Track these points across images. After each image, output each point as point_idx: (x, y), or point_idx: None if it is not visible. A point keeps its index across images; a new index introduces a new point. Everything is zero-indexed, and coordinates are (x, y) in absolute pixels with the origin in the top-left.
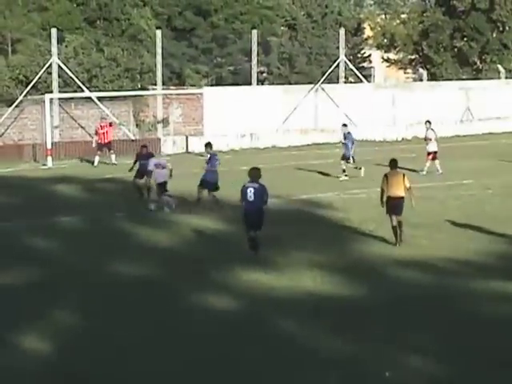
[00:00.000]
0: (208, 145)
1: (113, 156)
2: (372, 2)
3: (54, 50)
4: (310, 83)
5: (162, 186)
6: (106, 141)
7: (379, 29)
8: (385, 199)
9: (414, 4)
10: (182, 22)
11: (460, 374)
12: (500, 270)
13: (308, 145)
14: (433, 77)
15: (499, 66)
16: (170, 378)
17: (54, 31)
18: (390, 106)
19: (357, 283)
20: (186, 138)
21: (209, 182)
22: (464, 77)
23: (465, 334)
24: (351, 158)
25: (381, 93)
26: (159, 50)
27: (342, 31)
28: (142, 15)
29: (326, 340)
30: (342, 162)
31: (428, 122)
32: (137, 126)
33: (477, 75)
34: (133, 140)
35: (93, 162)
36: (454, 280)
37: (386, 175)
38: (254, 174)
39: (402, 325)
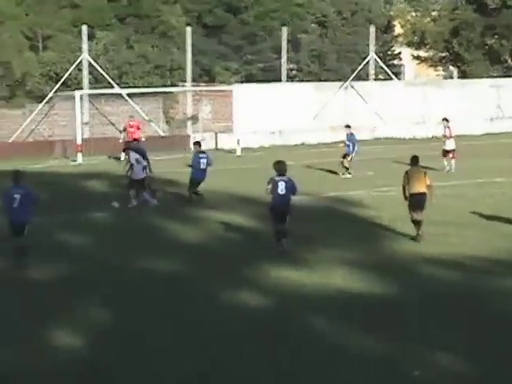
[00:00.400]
0: (196, 143)
1: None
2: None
3: (85, 46)
4: (340, 80)
5: (141, 183)
6: (131, 140)
7: (409, 26)
8: (407, 195)
9: (445, 1)
10: (213, 18)
11: (489, 374)
12: None
13: (338, 142)
14: (463, 74)
15: None
16: (198, 377)
17: (84, 28)
18: (420, 103)
19: (387, 281)
20: (216, 134)
21: (195, 180)
22: (495, 74)
23: (494, 333)
24: (350, 157)
25: (411, 90)
26: (189, 47)
27: (372, 28)
28: (173, 12)
29: (356, 338)
30: (344, 160)
31: (445, 119)
32: (166, 122)
33: (508, 73)
34: (162, 137)
35: (119, 158)
36: (485, 278)
37: (406, 172)
38: (282, 167)
39: (431, 323)
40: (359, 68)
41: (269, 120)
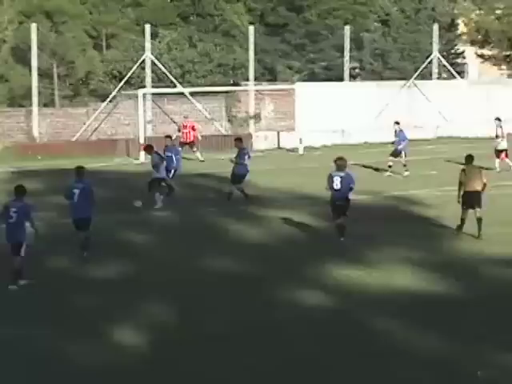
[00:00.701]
0: (238, 139)
1: (198, 153)
2: None
3: (148, 45)
4: (403, 79)
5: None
6: (189, 140)
7: (473, 25)
8: (462, 193)
9: None
10: (275, 17)
11: None
12: None
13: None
14: None
15: None
16: (260, 378)
17: (147, 27)
18: (484, 102)
19: (450, 280)
20: (278, 133)
21: (236, 175)
22: None
23: None
24: (403, 154)
25: (474, 89)
26: (252, 46)
27: (435, 27)
28: (235, 11)
29: (419, 338)
30: (391, 157)
31: (498, 119)
32: (229, 121)
33: None
34: (225, 135)
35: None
36: None
37: (463, 170)
38: (340, 163)
39: (495, 323)
40: (422, 67)
41: (331, 119)
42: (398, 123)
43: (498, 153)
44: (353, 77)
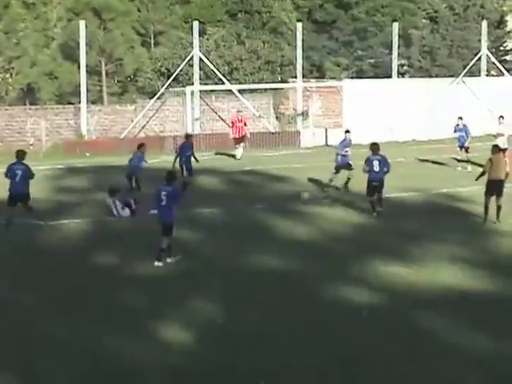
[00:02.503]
0: (347, 131)
1: (241, 150)
2: None
3: (196, 42)
4: (451, 76)
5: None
6: (240, 135)
7: None
8: (486, 181)
9: None
10: (323, 14)
11: None
12: None
13: (449, 138)
14: None
15: None
16: (308, 376)
17: (195, 24)
18: None
19: (499, 279)
20: (326, 130)
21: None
22: None
23: None
24: (468, 149)
25: None
26: (299, 43)
27: (484, 24)
28: (283, 8)
29: (468, 337)
30: (459, 152)
31: (501, 116)
32: (277, 118)
33: None
34: (273, 133)
35: (234, 156)
36: None
37: (490, 159)
38: (376, 147)
39: None
40: (471, 64)
41: (379, 116)
42: (461, 118)
43: None
44: (401, 74)
